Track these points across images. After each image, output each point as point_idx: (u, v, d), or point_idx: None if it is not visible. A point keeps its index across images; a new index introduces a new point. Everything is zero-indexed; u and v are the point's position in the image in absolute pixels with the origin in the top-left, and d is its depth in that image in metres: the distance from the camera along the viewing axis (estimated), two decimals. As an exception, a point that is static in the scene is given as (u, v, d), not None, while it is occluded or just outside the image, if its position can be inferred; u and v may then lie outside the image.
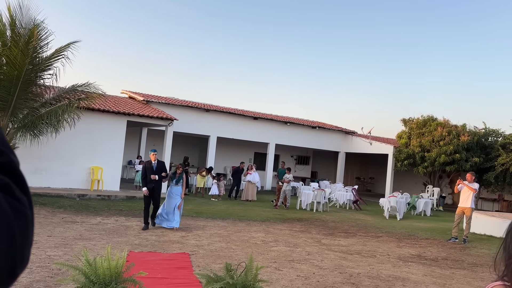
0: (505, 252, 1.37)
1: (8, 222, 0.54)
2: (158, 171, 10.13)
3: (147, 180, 10.01)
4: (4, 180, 0.58)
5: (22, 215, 0.57)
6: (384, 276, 7.27)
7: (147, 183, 10.01)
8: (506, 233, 1.38)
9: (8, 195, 0.57)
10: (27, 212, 0.59)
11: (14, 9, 11.90)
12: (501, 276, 1.42)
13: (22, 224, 0.56)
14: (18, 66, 11.78)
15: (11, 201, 0.56)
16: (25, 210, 0.58)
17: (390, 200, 16.64)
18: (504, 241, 1.39)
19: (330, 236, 10.99)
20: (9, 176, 0.60)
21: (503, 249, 1.40)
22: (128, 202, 14.57)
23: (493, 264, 1.46)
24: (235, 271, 4.16)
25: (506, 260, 1.36)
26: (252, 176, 18.49)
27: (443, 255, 9.72)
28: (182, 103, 22.06)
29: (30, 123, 12.85)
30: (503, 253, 1.41)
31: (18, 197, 0.58)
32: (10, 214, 0.54)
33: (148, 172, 10.05)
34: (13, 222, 0.55)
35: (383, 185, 26.13)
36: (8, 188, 0.58)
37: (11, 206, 0.56)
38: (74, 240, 8.06)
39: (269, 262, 7.51)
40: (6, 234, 0.53)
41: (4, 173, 0.59)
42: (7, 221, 0.54)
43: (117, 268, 3.73)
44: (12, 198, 0.57)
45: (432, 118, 24.30)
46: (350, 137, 27.25)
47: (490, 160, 22.39)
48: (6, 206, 0.55)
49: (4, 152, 0.61)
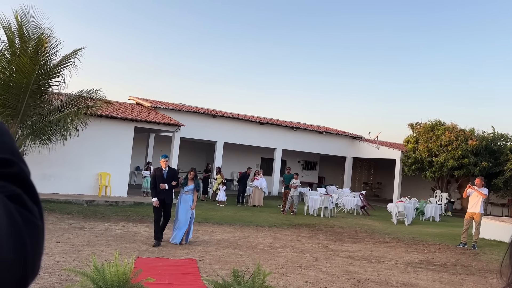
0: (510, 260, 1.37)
1: (20, 233, 0.55)
2: (168, 179, 8.99)
3: (157, 190, 8.94)
4: (16, 191, 0.59)
5: (33, 225, 0.58)
6: (393, 282, 7.22)
7: (157, 193, 8.93)
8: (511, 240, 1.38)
9: (20, 206, 0.58)
10: (38, 223, 0.60)
11: (22, 18, 12.07)
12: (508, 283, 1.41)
13: (33, 234, 0.58)
14: (27, 74, 11.93)
15: (22, 211, 0.58)
16: (36, 221, 0.60)
17: (398, 205, 16.54)
18: (510, 247, 1.39)
19: (338, 242, 10.94)
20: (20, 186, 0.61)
21: (509, 256, 1.39)
22: (135, 207, 14.62)
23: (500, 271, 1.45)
24: (243, 277, 4.16)
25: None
26: (259, 181, 18.48)
27: (452, 261, 9.63)
28: (189, 109, 22.16)
29: (39, 130, 12.98)
30: (509, 259, 1.41)
31: (30, 208, 0.60)
32: (21, 225, 0.56)
33: (157, 181, 8.95)
34: (24, 232, 0.56)
35: (391, 190, 25.99)
36: (20, 198, 0.59)
37: (22, 216, 0.57)
38: (82, 246, 8.10)
39: (276, 268, 7.49)
40: (18, 245, 0.55)
41: (16, 184, 0.61)
42: (19, 231, 0.55)
43: (125, 274, 3.75)
44: (23, 209, 0.58)
45: (439, 122, 24.17)
46: (357, 142, 27.16)
47: (499, 165, 22.19)
48: (18, 217, 0.56)
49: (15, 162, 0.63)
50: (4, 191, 0.58)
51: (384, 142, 27.12)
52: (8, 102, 12.28)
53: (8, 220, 0.54)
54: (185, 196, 9.14)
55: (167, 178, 8.99)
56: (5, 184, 0.59)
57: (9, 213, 0.55)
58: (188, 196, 9.14)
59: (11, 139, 0.65)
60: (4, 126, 0.66)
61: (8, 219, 0.54)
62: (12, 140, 0.65)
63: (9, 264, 0.53)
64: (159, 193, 8.90)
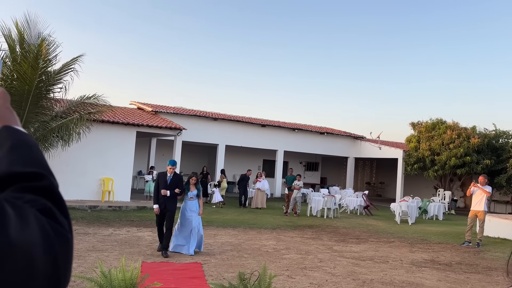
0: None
1: (52, 246, 0.57)
2: (172, 186, 8.44)
3: (159, 197, 8.48)
4: (47, 205, 0.61)
5: (64, 238, 0.60)
6: (398, 282, 7.22)
7: (158, 200, 8.48)
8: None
9: (51, 219, 0.60)
10: (68, 235, 0.62)
11: (22, 25, 12.13)
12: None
13: (64, 246, 0.60)
14: (28, 81, 11.98)
15: (53, 225, 0.60)
16: (67, 234, 0.62)
17: (401, 204, 16.53)
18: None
19: (342, 243, 10.94)
20: (50, 199, 0.63)
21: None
22: (139, 212, 14.64)
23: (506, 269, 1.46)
24: (249, 280, 4.18)
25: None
26: (262, 183, 18.50)
27: (457, 259, 9.62)
28: (190, 112, 22.20)
29: (41, 137, 13.02)
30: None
31: (60, 221, 0.61)
32: (53, 238, 0.58)
33: (160, 186, 8.48)
34: (56, 245, 0.58)
35: (393, 189, 25.97)
36: (51, 212, 0.61)
37: (54, 229, 0.59)
38: (87, 251, 8.12)
39: (281, 270, 7.50)
40: (52, 258, 0.57)
41: (46, 197, 0.63)
42: (51, 244, 0.57)
43: (132, 279, 3.76)
44: (54, 222, 0.60)
45: (441, 121, 24.16)
46: (359, 142, 27.16)
47: (502, 162, 22.16)
48: (50, 230, 0.58)
49: (45, 176, 0.65)
50: (36, 204, 0.60)
51: (385, 142, 27.12)
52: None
53: (41, 233, 0.56)
54: (189, 203, 8.69)
55: (170, 185, 8.45)
56: (36, 198, 0.61)
57: (41, 227, 0.57)
58: (193, 203, 8.69)
59: (40, 153, 0.67)
60: (33, 139, 0.68)
61: (41, 232, 0.56)
62: (41, 154, 0.67)
63: (45, 276, 0.55)
64: (161, 199, 8.43)
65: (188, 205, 8.67)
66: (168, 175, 8.56)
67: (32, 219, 0.56)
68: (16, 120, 0.72)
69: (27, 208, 0.58)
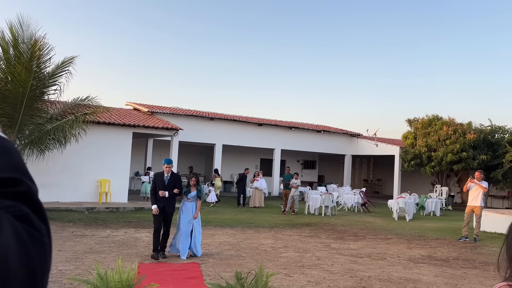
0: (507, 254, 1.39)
1: (28, 252, 0.57)
2: (170, 186, 8.17)
3: (157, 197, 8.18)
4: (24, 210, 0.61)
5: (40, 244, 0.60)
6: (395, 278, 7.25)
7: (157, 200, 8.18)
8: (506, 235, 1.40)
9: (27, 225, 0.60)
10: (45, 240, 0.62)
11: (16, 27, 12.08)
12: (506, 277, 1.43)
13: (40, 252, 0.60)
14: (22, 83, 11.93)
15: (30, 230, 0.60)
16: (43, 239, 0.61)
17: (399, 201, 16.57)
18: (506, 241, 1.41)
19: (340, 240, 10.97)
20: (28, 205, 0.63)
21: (505, 250, 1.41)
22: (136, 213, 14.62)
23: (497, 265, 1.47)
24: (245, 280, 4.18)
25: (509, 262, 1.37)
26: (259, 182, 18.51)
27: (454, 255, 9.66)
28: (187, 112, 22.18)
29: (37, 139, 12.98)
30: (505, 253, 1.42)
31: (37, 226, 0.61)
32: (29, 244, 0.58)
33: (158, 186, 8.19)
34: (32, 251, 0.58)
35: (391, 186, 26.04)
36: (27, 218, 0.61)
37: (30, 235, 0.59)
38: (84, 253, 8.11)
39: (279, 268, 7.51)
40: (27, 264, 0.57)
41: (24, 203, 0.63)
42: (27, 251, 0.57)
43: (129, 281, 3.76)
44: (30, 228, 0.60)
45: (437, 117, 24.22)
46: (356, 140, 27.20)
47: (498, 157, 22.24)
48: (26, 236, 0.58)
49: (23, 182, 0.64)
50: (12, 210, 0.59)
51: (382, 139, 27.17)
52: (5, 112, 12.29)
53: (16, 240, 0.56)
54: (187, 204, 8.37)
55: (168, 185, 8.16)
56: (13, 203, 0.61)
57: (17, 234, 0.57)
58: (191, 204, 8.37)
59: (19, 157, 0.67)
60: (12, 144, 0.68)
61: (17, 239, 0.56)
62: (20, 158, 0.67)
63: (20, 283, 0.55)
64: (159, 201, 8.13)
65: (185, 206, 8.37)
66: (166, 175, 8.25)
67: (6, 225, 0.56)
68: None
69: (2, 214, 0.57)
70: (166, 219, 8.25)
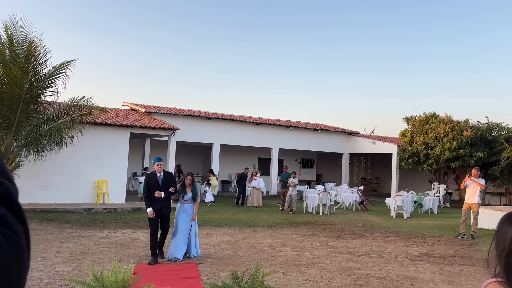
0: (496, 250, 1.39)
1: (3, 253, 0.58)
2: (165, 185, 7.82)
3: (152, 199, 7.75)
4: (0, 211, 0.61)
5: (16, 244, 0.60)
6: (392, 276, 7.26)
7: (152, 202, 7.73)
8: (495, 232, 1.40)
9: (3, 226, 0.60)
10: (22, 241, 0.62)
11: (11, 28, 12.04)
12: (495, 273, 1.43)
13: (16, 253, 0.60)
14: (19, 85, 11.91)
15: (5, 231, 0.60)
16: (20, 240, 0.61)
17: (396, 199, 16.60)
18: (495, 237, 1.41)
19: (337, 239, 10.98)
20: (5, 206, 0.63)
21: (494, 247, 1.42)
22: (134, 214, 14.61)
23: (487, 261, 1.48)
24: (242, 279, 4.18)
25: (498, 258, 1.37)
26: (257, 181, 18.51)
27: (451, 252, 9.68)
28: (184, 112, 22.16)
29: (33, 141, 12.96)
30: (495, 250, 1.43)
31: (13, 227, 0.61)
32: (4, 245, 0.58)
33: (151, 188, 7.74)
34: (7, 252, 0.58)
35: (388, 184, 26.08)
36: (3, 219, 0.61)
37: (5, 236, 0.59)
38: (82, 254, 8.10)
39: (276, 267, 7.52)
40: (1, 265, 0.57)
41: (1, 203, 0.63)
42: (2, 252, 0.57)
43: (124, 281, 3.76)
44: (6, 229, 0.60)
45: (434, 115, 24.26)
46: (353, 138, 27.23)
47: (495, 155, 22.29)
48: (1, 237, 0.58)
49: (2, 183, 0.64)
50: None
51: (379, 137, 27.20)
52: (1, 113, 12.26)
53: None
54: (184, 206, 8.02)
55: (163, 184, 7.78)
56: None
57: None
58: (188, 206, 8.03)
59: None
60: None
61: None
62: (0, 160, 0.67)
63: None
64: (155, 202, 7.71)
65: (182, 207, 8.03)
66: (158, 175, 7.85)
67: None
68: None
69: None
70: (164, 220, 7.89)
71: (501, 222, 1.42)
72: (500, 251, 1.37)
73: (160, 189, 7.74)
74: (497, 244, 1.40)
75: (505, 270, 1.33)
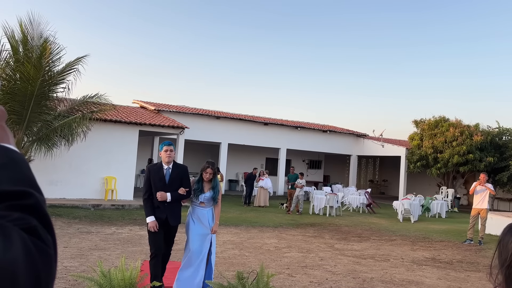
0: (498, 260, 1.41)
1: (35, 264, 0.62)
2: (173, 183, 5.22)
3: (154, 203, 5.21)
4: (32, 223, 0.65)
5: (46, 255, 0.64)
6: (398, 280, 7.25)
7: (155, 208, 5.21)
8: (498, 241, 1.42)
9: (35, 237, 0.64)
10: (51, 252, 0.66)
11: (25, 25, 12.19)
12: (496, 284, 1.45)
13: (46, 263, 0.64)
14: (31, 81, 12.05)
15: (37, 242, 0.64)
16: (49, 251, 0.66)
17: (404, 202, 16.53)
18: (498, 247, 1.42)
19: (344, 241, 10.97)
20: (36, 217, 0.67)
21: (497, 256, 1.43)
22: (141, 211, 14.66)
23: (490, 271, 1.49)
24: (247, 279, 4.22)
25: (500, 268, 1.39)
26: (265, 182, 18.54)
27: (458, 257, 9.63)
28: (193, 111, 22.25)
29: (44, 136, 13.11)
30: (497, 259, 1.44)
31: (43, 238, 0.66)
32: (36, 255, 0.62)
33: (154, 186, 5.22)
34: (39, 262, 0.62)
35: (396, 187, 25.95)
36: (35, 230, 0.65)
37: (37, 247, 0.63)
38: (89, 250, 8.19)
39: (282, 268, 7.54)
40: (33, 275, 0.61)
41: (32, 215, 0.67)
42: (34, 262, 0.62)
43: (131, 279, 3.81)
44: (38, 240, 0.65)
45: (444, 118, 24.10)
46: (362, 140, 27.14)
47: (505, 160, 22.09)
48: (33, 248, 0.62)
49: (32, 194, 0.69)
50: (21, 223, 0.64)
51: (388, 139, 27.08)
52: (14, 109, 12.41)
53: (24, 252, 0.60)
54: (200, 211, 5.36)
55: (171, 182, 5.22)
56: (22, 216, 0.65)
57: (25, 246, 0.61)
58: (205, 211, 5.38)
59: (28, 169, 0.71)
60: (22, 156, 0.72)
61: (24, 251, 0.60)
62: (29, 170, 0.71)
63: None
64: (158, 208, 5.20)
65: (197, 213, 5.36)
66: (166, 167, 5.27)
67: (16, 238, 0.60)
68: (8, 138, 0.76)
69: (11, 227, 0.62)
70: (169, 236, 5.34)
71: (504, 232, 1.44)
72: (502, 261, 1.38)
73: (166, 189, 5.18)
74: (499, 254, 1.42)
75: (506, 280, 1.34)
